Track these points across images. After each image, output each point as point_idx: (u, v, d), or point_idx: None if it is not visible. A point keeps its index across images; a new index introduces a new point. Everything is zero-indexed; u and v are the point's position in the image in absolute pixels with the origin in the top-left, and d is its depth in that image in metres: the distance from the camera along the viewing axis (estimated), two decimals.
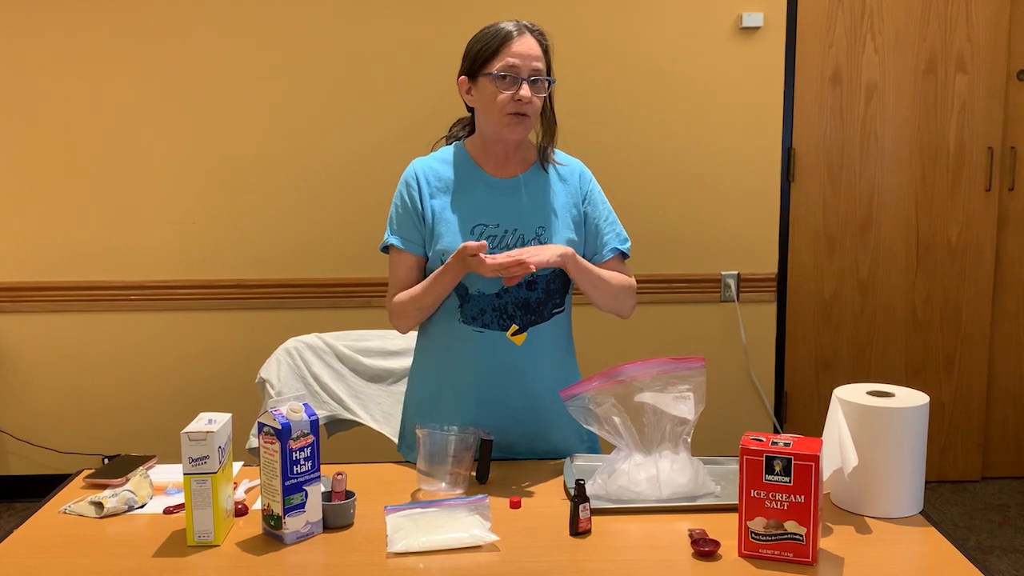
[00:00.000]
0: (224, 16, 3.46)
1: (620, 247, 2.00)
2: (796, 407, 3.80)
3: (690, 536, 1.54)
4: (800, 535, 1.46)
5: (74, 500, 1.75)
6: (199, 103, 3.50)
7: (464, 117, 2.04)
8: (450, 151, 1.99)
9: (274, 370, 2.56)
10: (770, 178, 3.61)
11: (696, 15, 3.50)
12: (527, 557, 1.51)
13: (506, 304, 1.90)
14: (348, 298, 3.59)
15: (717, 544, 1.51)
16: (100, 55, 3.47)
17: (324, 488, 1.63)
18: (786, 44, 3.54)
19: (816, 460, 1.44)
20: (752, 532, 1.49)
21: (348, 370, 2.63)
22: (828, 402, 2.58)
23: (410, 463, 1.95)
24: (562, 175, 1.99)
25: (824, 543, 1.54)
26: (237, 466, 1.87)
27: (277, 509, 1.56)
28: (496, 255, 1.79)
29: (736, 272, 3.64)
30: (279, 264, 3.59)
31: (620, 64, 3.52)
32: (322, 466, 1.63)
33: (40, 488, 3.04)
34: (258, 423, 1.59)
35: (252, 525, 1.64)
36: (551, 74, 1.91)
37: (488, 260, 1.76)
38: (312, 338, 2.63)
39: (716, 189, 3.60)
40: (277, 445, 1.54)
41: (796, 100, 3.60)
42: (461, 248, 1.80)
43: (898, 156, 3.65)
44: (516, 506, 1.71)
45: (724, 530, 1.56)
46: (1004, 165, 3.66)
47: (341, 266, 3.58)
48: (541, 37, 1.90)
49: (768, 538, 1.48)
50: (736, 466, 1.68)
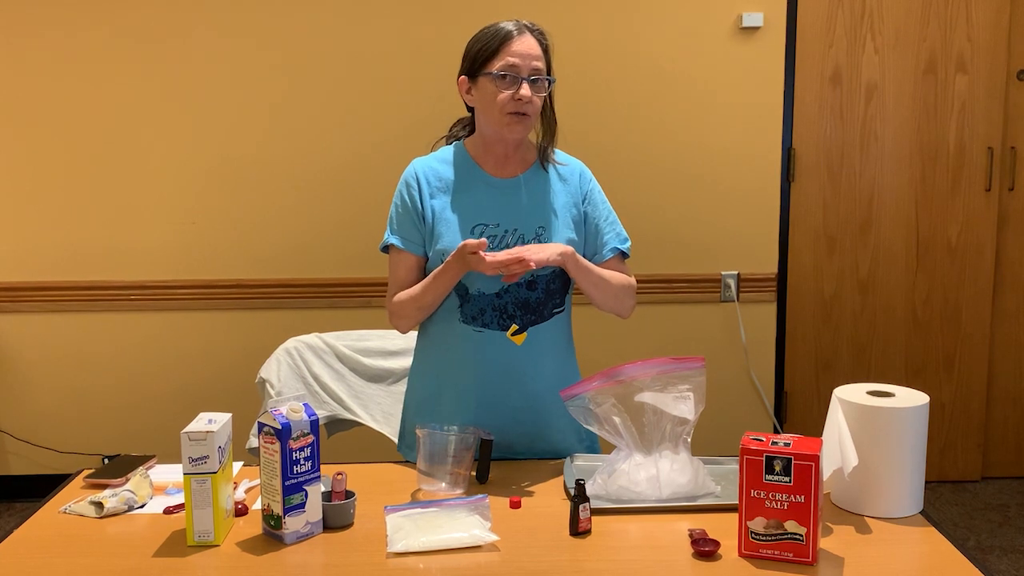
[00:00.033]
0: (224, 16, 3.46)
1: (620, 247, 2.00)
2: (796, 407, 3.80)
3: (690, 536, 1.54)
4: (800, 535, 1.46)
5: (74, 500, 1.74)
6: (199, 103, 3.50)
7: (464, 117, 2.04)
8: (450, 151, 1.99)
9: (274, 370, 2.56)
10: (770, 178, 3.61)
11: (696, 15, 3.50)
12: (527, 557, 1.51)
13: (506, 304, 1.89)
14: (348, 298, 3.59)
15: (717, 544, 1.51)
16: (100, 55, 3.47)
17: (324, 488, 1.63)
18: (786, 44, 3.54)
19: (816, 460, 1.44)
20: (752, 532, 1.49)
21: (348, 370, 2.63)
22: (828, 402, 2.58)
23: (410, 463, 1.95)
24: (562, 175, 1.99)
25: (824, 543, 1.54)
26: (237, 466, 1.87)
27: (277, 509, 1.56)
28: (496, 252, 1.79)
29: (736, 272, 3.64)
30: (279, 264, 3.59)
31: (620, 64, 3.52)
32: (322, 466, 1.63)
33: (40, 488, 3.04)
34: (258, 423, 1.59)
35: (252, 525, 1.64)
36: (551, 74, 1.91)
37: (488, 258, 1.77)
38: (312, 338, 2.63)
39: (716, 189, 3.59)
40: (277, 445, 1.54)
41: (796, 100, 3.60)
42: (461, 246, 1.80)
43: (898, 156, 3.65)
44: (516, 506, 1.71)
45: (724, 530, 1.56)
46: (1004, 165, 3.66)
47: (341, 266, 3.58)
48: (541, 37, 1.90)
49: (768, 538, 1.48)
50: (736, 466, 1.68)
